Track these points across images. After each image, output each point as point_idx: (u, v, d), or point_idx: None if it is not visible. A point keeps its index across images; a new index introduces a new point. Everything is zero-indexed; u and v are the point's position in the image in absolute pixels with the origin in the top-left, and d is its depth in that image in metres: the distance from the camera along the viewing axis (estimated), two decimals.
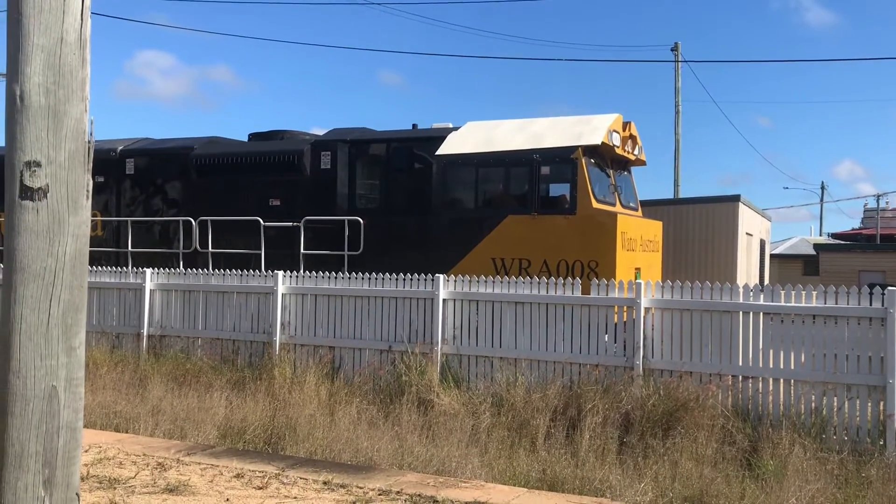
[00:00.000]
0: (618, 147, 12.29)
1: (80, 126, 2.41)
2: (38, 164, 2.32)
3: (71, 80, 2.39)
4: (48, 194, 2.34)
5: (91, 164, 2.46)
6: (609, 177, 12.45)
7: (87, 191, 2.44)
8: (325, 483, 5.90)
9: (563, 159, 11.67)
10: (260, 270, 12.26)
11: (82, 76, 2.43)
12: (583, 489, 6.30)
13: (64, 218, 2.36)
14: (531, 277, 9.67)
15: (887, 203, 56.13)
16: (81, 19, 2.43)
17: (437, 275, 10.01)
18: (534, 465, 6.90)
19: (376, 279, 10.48)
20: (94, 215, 14.91)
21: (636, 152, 13.22)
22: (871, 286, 8.26)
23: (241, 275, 11.45)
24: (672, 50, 27.67)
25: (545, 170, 11.84)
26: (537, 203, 11.76)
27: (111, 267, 12.80)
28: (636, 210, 13.40)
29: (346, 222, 12.77)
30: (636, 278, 11.25)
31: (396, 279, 10.33)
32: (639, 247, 12.15)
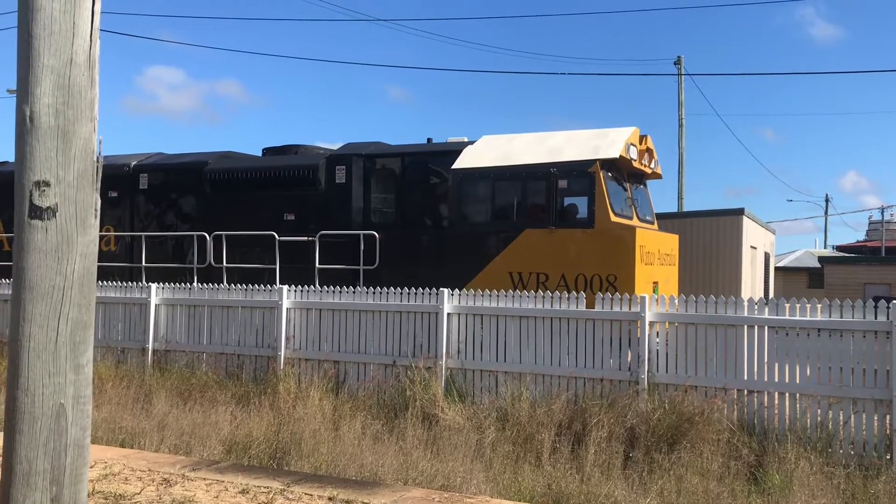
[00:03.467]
0: (635, 160, 12.28)
1: (89, 146, 2.44)
2: (48, 184, 2.35)
3: (80, 100, 2.42)
4: (57, 213, 2.36)
5: (100, 184, 2.48)
6: (626, 190, 12.43)
7: (96, 210, 2.46)
8: (330, 499, 5.89)
9: (580, 173, 11.66)
10: (275, 285, 12.27)
11: (91, 96, 2.46)
12: None
13: (72, 237, 2.38)
14: (549, 292, 9.64)
15: (892, 215, 56.10)
16: (90, 40, 2.46)
17: (441, 289, 10.01)
18: (539, 479, 6.88)
19: (381, 293, 10.50)
20: (107, 230, 14.97)
21: (652, 165, 13.20)
22: (877, 299, 8.25)
23: (246, 289, 11.47)
24: (675, 63, 27.77)
25: (563, 183, 11.82)
26: (555, 217, 11.74)
27: (125, 282, 12.83)
28: (652, 223, 13.39)
29: (362, 236, 12.78)
30: (654, 292, 11.22)
31: (401, 293, 10.34)
32: (657, 260, 12.12)
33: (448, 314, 9.90)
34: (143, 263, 14.45)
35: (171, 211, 14.97)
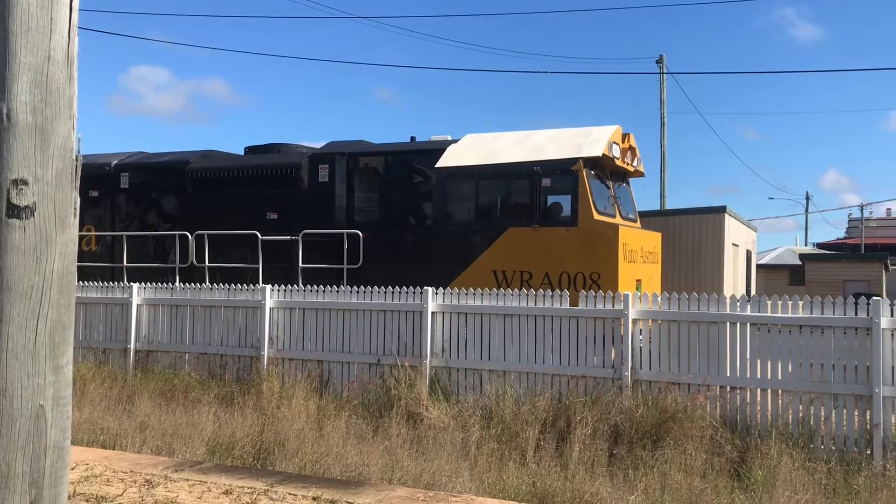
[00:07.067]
0: (617, 159, 12.34)
1: (68, 144, 2.40)
2: (26, 183, 2.31)
3: (58, 98, 2.38)
4: (35, 212, 2.32)
5: (79, 182, 2.45)
6: (609, 188, 12.48)
7: (75, 209, 2.43)
8: (314, 499, 5.86)
9: (563, 171, 11.69)
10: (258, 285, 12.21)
11: (69, 94, 2.42)
12: (574, 502, 6.30)
13: (51, 236, 2.35)
14: (532, 290, 9.65)
15: (871, 213, 56.76)
16: (69, 37, 2.42)
17: (425, 287, 10.00)
18: (524, 477, 6.89)
19: (365, 292, 10.47)
20: (87, 230, 14.84)
21: (635, 164, 13.26)
22: (857, 295, 8.33)
23: (229, 289, 11.40)
24: (657, 62, 27.87)
25: (546, 182, 11.84)
26: (538, 215, 11.76)
27: (107, 282, 12.72)
28: (635, 221, 13.45)
29: (345, 235, 12.74)
30: (637, 290, 11.27)
31: (385, 292, 10.31)
32: (639, 258, 12.18)
33: (432, 313, 9.89)
34: (125, 263, 14.33)
35: (152, 210, 14.86)
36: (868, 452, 7.70)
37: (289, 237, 13.12)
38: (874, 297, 8.08)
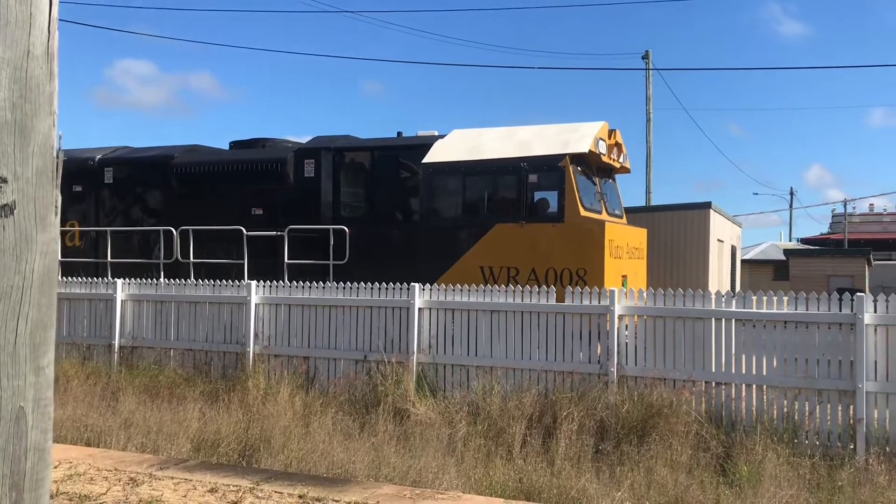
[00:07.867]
0: (604, 155, 12.35)
1: (48, 141, 2.36)
2: (5, 181, 2.27)
3: (38, 94, 2.34)
4: (15, 211, 2.28)
5: (60, 180, 2.41)
6: (595, 184, 12.50)
7: (56, 207, 2.39)
8: (300, 497, 5.84)
9: (550, 167, 11.70)
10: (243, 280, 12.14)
11: (49, 90, 2.38)
12: (560, 498, 6.31)
13: (32, 235, 2.31)
14: (519, 286, 9.65)
15: (854, 208, 57.29)
16: (48, 32, 2.38)
17: (412, 284, 9.98)
18: (510, 473, 6.89)
19: (351, 288, 10.43)
20: (71, 225, 14.71)
21: (621, 160, 13.28)
22: (840, 291, 8.39)
23: (214, 285, 11.33)
24: (643, 58, 27.93)
25: (533, 178, 11.84)
26: (525, 211, 11.76)
27: (90, 277, 12.60)
28: (621, 217, 13.47)
29: (332, 231, 12.69)
30: (623, 286, 11.31)
31: (371, 288, 10.28)
32: (625, 254, 12.21)
33: (419, 309, 9.87)
34: (109, 259, 14.21)
35: (137, 205, 14.75)
36: (851, 447, 7.77)
37: (274, 233, 13.05)
38: (858, 293, 8.14)
